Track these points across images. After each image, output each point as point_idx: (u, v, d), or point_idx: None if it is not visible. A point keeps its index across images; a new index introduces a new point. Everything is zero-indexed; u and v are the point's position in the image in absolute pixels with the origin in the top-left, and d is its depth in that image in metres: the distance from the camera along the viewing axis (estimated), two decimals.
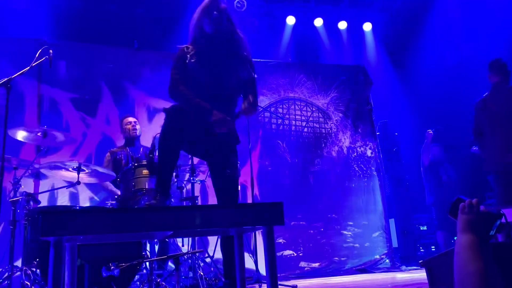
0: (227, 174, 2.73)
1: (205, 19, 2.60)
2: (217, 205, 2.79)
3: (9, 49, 4.88)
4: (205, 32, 2.61)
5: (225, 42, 2.64)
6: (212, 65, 2.62)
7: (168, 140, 2.59)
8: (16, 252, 3.55)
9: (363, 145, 6.00)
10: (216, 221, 2.05)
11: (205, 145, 2.74)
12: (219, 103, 2.56)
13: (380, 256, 5.55)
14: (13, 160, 3.61)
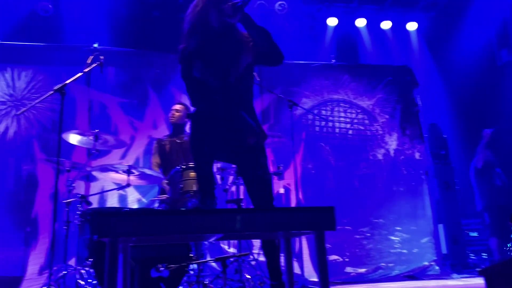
0: (259, 175, 2.59)
1: (213, 10, 2.40)
2: (268, 209, 2.77)
3: (62, 55, 5.09)
4: (210, 25, 2.43)
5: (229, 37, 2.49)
6: (217, 65, 2.48)
7: (198, 148, 2.51)
8: (70, 252, 3.70)
9: (410, 147, 5.82)
10: (266, 225, 2.03)
11: (231, 147, 2.59)
12: (235, 106, 2.49)
13: (429, 262, 5.36)
14: (66, 163, 3.75)
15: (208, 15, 2.40)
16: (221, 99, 2.45)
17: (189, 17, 2.50)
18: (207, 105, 2.51)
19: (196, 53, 2.47)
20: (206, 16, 2.40)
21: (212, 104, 2.49)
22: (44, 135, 4.81)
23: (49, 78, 4.96)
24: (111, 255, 1.87)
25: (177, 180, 3.64)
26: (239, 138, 2.51)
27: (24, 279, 4.33)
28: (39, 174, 4.69)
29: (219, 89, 2.46)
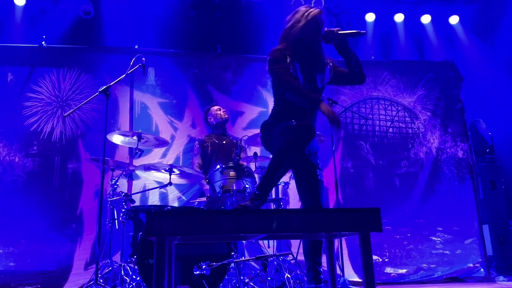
0: (315, 176, 2.85)
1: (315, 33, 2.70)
2: (313, 209, 2.77)
3: (104, 57, 5.24)
4: (308, 42, 2.72)
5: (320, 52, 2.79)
6: (308, 72, 2.74)
7: (291, 154, 2.58)
8: (114, 248, 3.81)
9: (453, 145, 5.64)
10: (310, 225, 2.03)
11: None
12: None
13: (473, 264, 5.18)
14: (110, 162, 3.87)
15: (307, 32, 2.70)
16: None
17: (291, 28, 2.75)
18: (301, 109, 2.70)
19: (293, 56, 2.70)
20: (304, 32, 2.70)
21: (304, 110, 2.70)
22: (88, 135, 4.97)
23: (92, 80, 5.12)
24: (158, 253, 1.92)
25: (217, 179, 3.69)
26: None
27: (71, 273, 4.50)
28: (83, 173, 4.85)
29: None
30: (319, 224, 2.04)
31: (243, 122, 5.40)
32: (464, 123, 5.75)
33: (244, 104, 5.48)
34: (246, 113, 5.45)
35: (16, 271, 4.42)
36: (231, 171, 3.64)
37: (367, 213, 2.03)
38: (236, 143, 4.45)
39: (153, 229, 1.90)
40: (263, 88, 5.57)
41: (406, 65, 6.00)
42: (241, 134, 4.91)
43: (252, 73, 5.57)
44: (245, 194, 3.69)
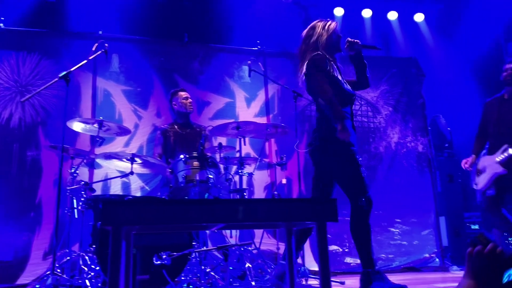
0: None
1: (337, 43, 3.17)
2: (269, 199, 2.80)
3: (67, 42, 5.09)
4: (339, 48, 3.20)
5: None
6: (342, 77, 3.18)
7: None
8: (73, 237, 3.74)
9: (414, 140, 5.81)
10: (268, 215, 2.05)
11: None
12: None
13: (429, 254, 5.39)
14: (70, 150, 3.78)
15: (331, 43, 3.14)
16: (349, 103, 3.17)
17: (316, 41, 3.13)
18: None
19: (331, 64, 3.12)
20: (329, 43, 3.13)
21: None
22: (49, 122, 4.83)
23: (54, 65, 4.96)
24: (114, 243, 1.90)
25: (180, 169, 3.67)
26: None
27: (28, 263, 4.39)
28: (43, 161, 4.72)
29: (350, 95, 3.13)
30: (277, 213, 2.08)
31: (209, 112, 5.38)
32: (425, 118, 5.93)
33: (211, 94, 5.45)
34: (212, 103, 5.43)
35: None
36: (195, 161, 3.63)
37: (324, 204, 2.08)
38: (200, 132, 4.43)
39: (108, 218, 1.87)
40: (230, 78, 5.56)
41: (371, 60, 5.98)
42: (207, 124, 4.90)
43: (220, 63, 5.54)
44: (208, 185, 3.70)
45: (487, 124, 4.11)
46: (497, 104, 4.04)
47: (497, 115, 3.98)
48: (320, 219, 2.07)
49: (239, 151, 3.97)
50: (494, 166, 3.85)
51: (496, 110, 4.00)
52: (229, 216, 2.01)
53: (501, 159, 3.83)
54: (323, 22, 3.18)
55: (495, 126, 3.97)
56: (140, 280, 3.07)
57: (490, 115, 4.07)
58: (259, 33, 6.00)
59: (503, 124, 3.94)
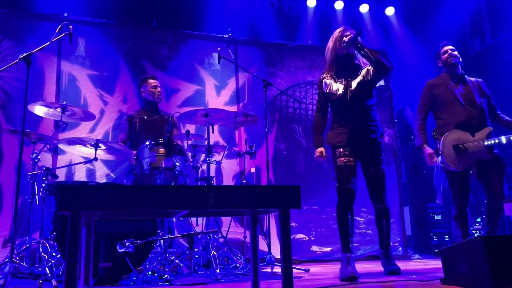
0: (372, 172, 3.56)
1: (340, 47, 3.46)
2: (233, 186, 2.79)
3: (31, 24, 4.90)
4: (338, 56, 3.51)
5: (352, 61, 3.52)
6: (346, 80, 3.48)
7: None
8: (33, 224, 3.64)
9: None
10: (231, 201, 2.04)
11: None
12: (359, 113, 3.44)
13: (393, 243, 5.51)
14: (32, 134, 3.66)
15: (336, 49, 3.49)
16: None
17: (326, 53, 3.63)
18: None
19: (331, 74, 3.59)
20: (335, 50, 3.51)
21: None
22: (10, 106, 4.65)
23: (16, 47, 4.77)
24: (73, 229, 1.85)
25: (145, 156, 3.61)
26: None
27: None
28: (3, 146, 4.55)
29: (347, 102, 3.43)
30: (241, 200, 2.07)
31: (178, 99, 5.31)
32: (392, 110, 6.03)
33: (179, 81, 5.38)
34: (181, 90, 5.36)
35: None
36: (161, 148, 3.59)
37: (287, 190, 2.08)
38: (167, 119, 4.37)
39: (67, 203, 1.83)
40: (200, 66, 5.49)
41: None
42: (175, 111, 4.83)
43: (189, 50, 5.47)
44: (174, 172, 3.66)
45: (435, 104, 4.00)
46: (449, 84, 3.94)
47: (459, 94, 3.87)
48: (283, 206, 2.08)
49: (207, 139, 3.94)
50: (480, 150, 3.70)
51: (454, 90, 3.90)
52: (193, 202, 1.99)
53: (489, 144, 3.67)
54: (335, 33, 3.57)
55: (460, 106, 3.83)
56: (103, 268, 3.02)
57: (445, 94, 3.93)
58: (230, 20, 5.95)
59: (468, 103, 3.84)
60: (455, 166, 3.75)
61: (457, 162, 3.75)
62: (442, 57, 4.06)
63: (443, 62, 4.05)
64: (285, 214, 2.08)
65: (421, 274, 3.33)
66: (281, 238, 2.08)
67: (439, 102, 3.97)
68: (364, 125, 3.43)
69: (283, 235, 2.08)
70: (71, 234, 1.84)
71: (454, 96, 3.89)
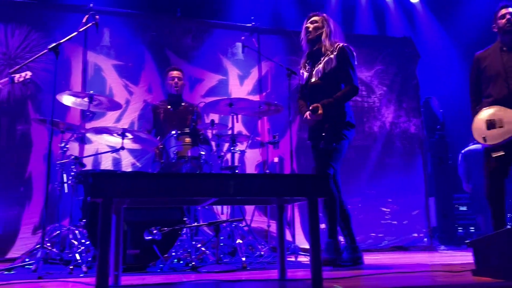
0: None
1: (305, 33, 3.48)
2: (262, 174, 2.79)
3: (57, 15, 4.97)
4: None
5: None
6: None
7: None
8: (62, 212, 3.72)
9: (406, 120, 5.82)
10: (261, 190, 2.04)
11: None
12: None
13: (418, 234, 5.46)
14: (60, 124, 3.72)
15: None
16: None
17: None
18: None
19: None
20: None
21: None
22: (38, 96, 4.75)
23: (43, 38, 4.84)
24: (104, 216, 1.88)
25: (172, 145, 3.64)
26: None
27: (18, 237, 4.37)
28: (33, 135, 4.66)
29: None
30: (269, 188, 2.07)
31: (202, 89, 5.32)
32: (418, 99, 5.92)
33: (203, 71, 5.38)
34: (205, 80, 5.37)
35: None
36: (187, 137, 3.61)
37: (315, 179, 2.07)
38: (192, 110, 4.39)
39: (99, 190, 1.86)
40: (223, 55, 5.48)
41: (366, 40, 6.06)
42: (199, 101, 4.84)
43: (213, 39, 5.46)
44: (200, 161, 3.68)
45: (483, 77, 3.58)
46: (496, 55, 3.52)
47: (503, 66, 3.45)
48: (311, 195, 2.08)
49: (231, 129, 3.94)
50: None
51: (500, 61, 3.47)
52: (221, 190, 2.00)
53: None
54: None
55: (502, 79, 3.41)
56: (130, 255, 3.07)
57: (490, 67, 3.52)
58: (253, 9, 5.91)
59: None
60: (483, 140, 3.41)
61: (487, 137, 3.38)
62: (499, 22, 3.53)
63: (499, 28, 3.54)
64: (314, 203, 2.08)
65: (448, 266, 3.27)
66: (310, 227, 2.08)
67: (485, 76, 3.56)
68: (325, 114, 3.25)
69: (312, 224, 2.07)
70: (103, 221, 1.88)
71: (499, 69, 3.47)
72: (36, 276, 2.64)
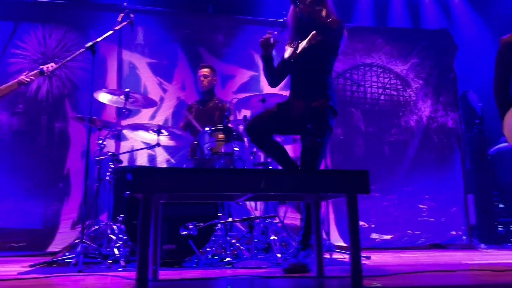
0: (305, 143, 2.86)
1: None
2: (301, 170, 2.76)
3: (92, 14, 5.07)
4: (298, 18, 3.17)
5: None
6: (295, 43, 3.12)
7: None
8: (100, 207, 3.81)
9: (444, 115, 5.65)
10: (299, 186, 2.02)
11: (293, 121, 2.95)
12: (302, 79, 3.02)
13: (456, 232, 5.29)
14: (97, 121, 3.80)
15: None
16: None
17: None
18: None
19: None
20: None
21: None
22: (75, 94, 4.88)
23: (79, 37, 4.97)
24: (144, 211, 1.90)
25: (206, 141, 3.66)
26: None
27: (58, 232, 4.51)
28: (71, 132, 4.79)
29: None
30: (307, 184, 2.04)
31: (233, 85, 5.32)
32: (456, 92, 5.74)
33: (235, 67, 5.38)
34: (237, 76, 5.37)
35: (2, 229, 4.41)
36: (220, 134, 3.61)
37: (355, 175, 2.03)
38: (222, 106, 4.39)
39: (139, 186, 1.87)
40: (256, 52, 5.46)
41: (401, 32, 5.92)
42: (231, 97, 4.85)
43: (244, 35, 5.44)
44: (233, 157, 3.68)
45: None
46: None
47: None
48: (350, 191, 2.03)
49: None
50: None
51: None
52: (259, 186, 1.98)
53: None
54: None
55: None
56: (166, 250, 3.10)
57: None
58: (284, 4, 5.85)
59: None
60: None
61: None
62: None
63: None
64: (353, 200, 2.03)
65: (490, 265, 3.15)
66: (349, 224, 2.03)
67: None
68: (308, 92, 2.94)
69: (351, 221, 2.02)
70: (143, 216, 1.89)
71: None
72: (76, 269, 2.70)
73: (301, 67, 2.99)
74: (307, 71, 2.97)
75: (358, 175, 2.02)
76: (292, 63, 3.03)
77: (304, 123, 2.86)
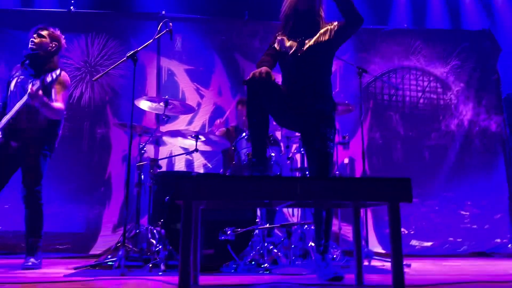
0: (317, 146, 2.75)
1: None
2: (342, 177, 2.74)
3: (131, 23, 5.22)
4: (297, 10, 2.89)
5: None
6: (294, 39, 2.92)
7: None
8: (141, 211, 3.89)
9: (487, 118, 5.46)
10: (340, 193, 2.00)
11: (294, 115, 2.83)
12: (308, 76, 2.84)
13: (501, 240, 5.09)
14: (138, 127, 3.90)
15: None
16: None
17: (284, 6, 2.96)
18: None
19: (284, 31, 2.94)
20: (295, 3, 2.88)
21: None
22: (116, 101, 5.03)
23: (120, 45, 5.13)
24: (185, 217, 1.93)
25: (243, 147, 3.68)
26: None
27: (100, 235, 4.65)
28: (112, 138, 4.93)
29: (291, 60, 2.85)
30: (348, 192, 2.02)
31: None
32: (500, 95, 5.54)
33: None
34: None
35: (47, 232, 4.55)
36: None
37: (397, 183, 1.99)
38: None
39: (181, 192, 1.91)
40: None
41: (440, 34, 5.77)
42: None
43: None
44: (270, 163, 3.68)
45: None
46: None
47: None
48: (393, 199, 2.00)
49: None
50: None
51: None
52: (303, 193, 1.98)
53: None
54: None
55: None
56: (205, 255, 3.14)
57: None
58: None
59: None
60: None
61: None
62: None
63: None
64: (395, 208, 2.00)
65: None
66: (391, 233, 2.00)
67: None
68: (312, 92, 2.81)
69: (393, 229, 1.99)
70: (184, 222, 1.92)
71: None
72: (118, 272, 2.77)
73: (306, 66, 2.83)
74: (312, 70, 2.84)
75: (400, 182, 1.98)
76: (297, 59, 2.84)
77: (309, 123, 2.78)
